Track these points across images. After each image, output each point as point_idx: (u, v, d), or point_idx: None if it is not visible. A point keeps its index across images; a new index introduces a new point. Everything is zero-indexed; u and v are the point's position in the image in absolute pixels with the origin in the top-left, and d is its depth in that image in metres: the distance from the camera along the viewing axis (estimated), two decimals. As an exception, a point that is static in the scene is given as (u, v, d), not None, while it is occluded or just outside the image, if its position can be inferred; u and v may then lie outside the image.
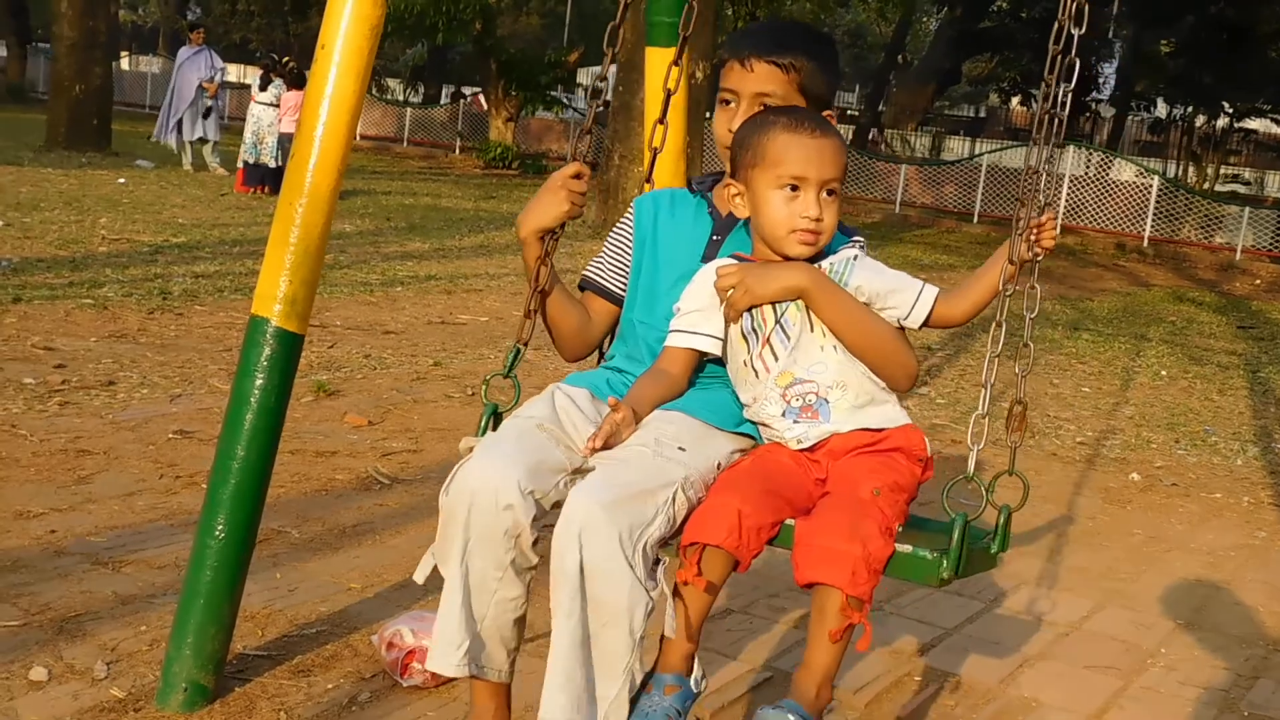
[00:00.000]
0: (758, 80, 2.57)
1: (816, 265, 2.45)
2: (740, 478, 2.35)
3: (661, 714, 2.24)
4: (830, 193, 2.41)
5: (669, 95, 2.89)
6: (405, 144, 33.69)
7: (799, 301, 2.42)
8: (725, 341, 2.50)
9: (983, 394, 2.37)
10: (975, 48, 42.14)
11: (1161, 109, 41.19)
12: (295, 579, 3.93)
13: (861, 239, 2.58)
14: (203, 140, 19.03)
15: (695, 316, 2.50)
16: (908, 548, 2.27)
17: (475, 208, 18.86)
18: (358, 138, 33.15)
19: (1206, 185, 33.21)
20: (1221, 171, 37.10)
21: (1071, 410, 8.01)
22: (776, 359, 2.43)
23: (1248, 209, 24.99)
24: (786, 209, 2.40)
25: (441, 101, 39.31)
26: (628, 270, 2.77)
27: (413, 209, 17.41)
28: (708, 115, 28.36)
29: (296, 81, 16.44)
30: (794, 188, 2.40)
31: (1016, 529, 2.34)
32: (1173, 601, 4.68)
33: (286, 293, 3.02)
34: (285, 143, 16.17)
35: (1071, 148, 27.98)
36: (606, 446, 2.35)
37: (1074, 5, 2.49)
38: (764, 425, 2.50)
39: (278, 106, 17.04)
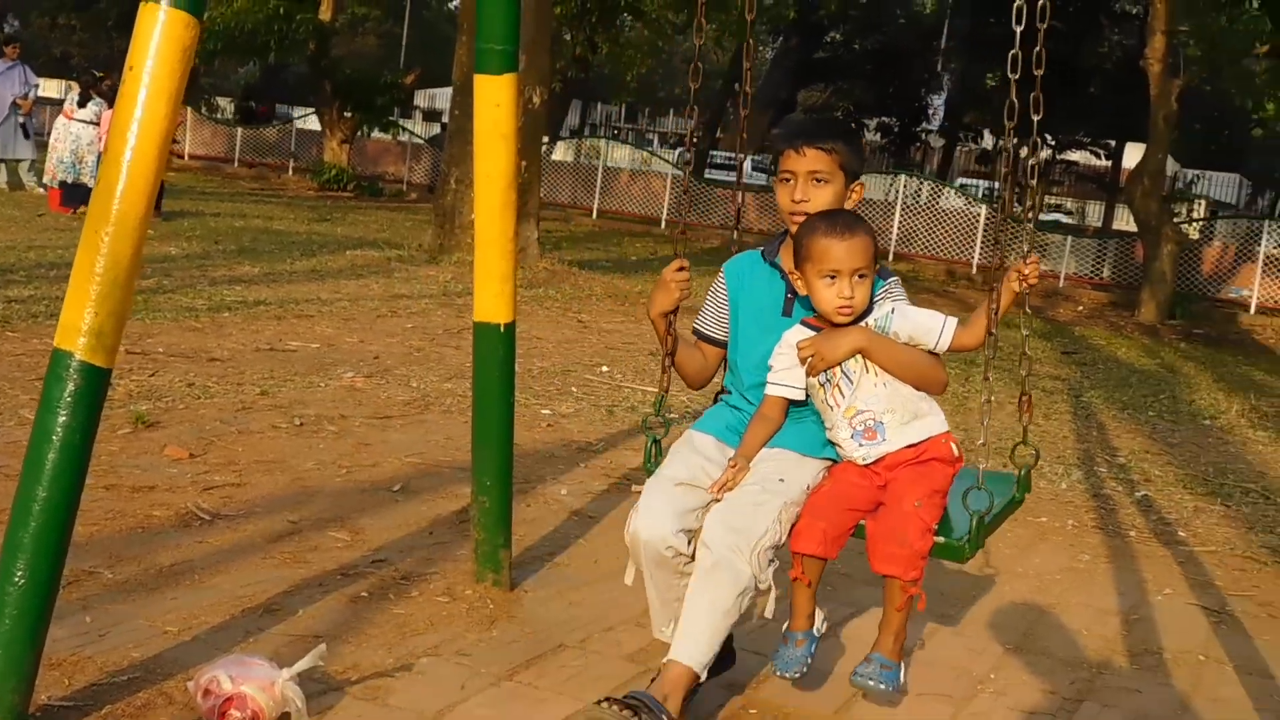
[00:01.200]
0: (809, 161, 3.42)
1: (864, 323, 3.33)
2: (823, 501, 3.34)
3: (797, 660, 3.37)
4: (861, 275, 3.28)
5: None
6: (236, 164, 32.97)
7: (856, 354, 3.32)
8: (807, 388, 3.40)
9: (985, 387, 3.35)
10: (811, 77, 43.01)
11: (988, 140, 42.49)
12: (106, 623, 3.73)
13: (895, 278, 3.48)
14: (18, 159, 18.32)
15: (784, 373, 3.41)
16: (942, 540, 3.27)
17: (308, 230, 18.48)
18: (186, 157, 32.37)
19: (1032, 214, 34.30)
20: (1045, 201, 38.39)
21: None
22: (844, 396, 3.34)
23: (1070, 238, 25.93)
24: (829, 293, 3.29)
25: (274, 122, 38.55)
26: (726, 321, 3.66)
27: (243, 231, 16.97)
28: (546, 140, 28.35)
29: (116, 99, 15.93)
30: (832, 276, 3.28)
31: (848, 558, 3.04)
32: (1002, 626, 4.75)
33: (92, 325, 2.86)
34: None
35: (903, 177, 28.67)
36: (726, 489, 3.34)
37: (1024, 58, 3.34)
38: (839, 446, 3.39)
39: (98, 124, 16.49)
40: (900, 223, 26.62)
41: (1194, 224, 26.65)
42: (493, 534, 4.37)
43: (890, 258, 26.00)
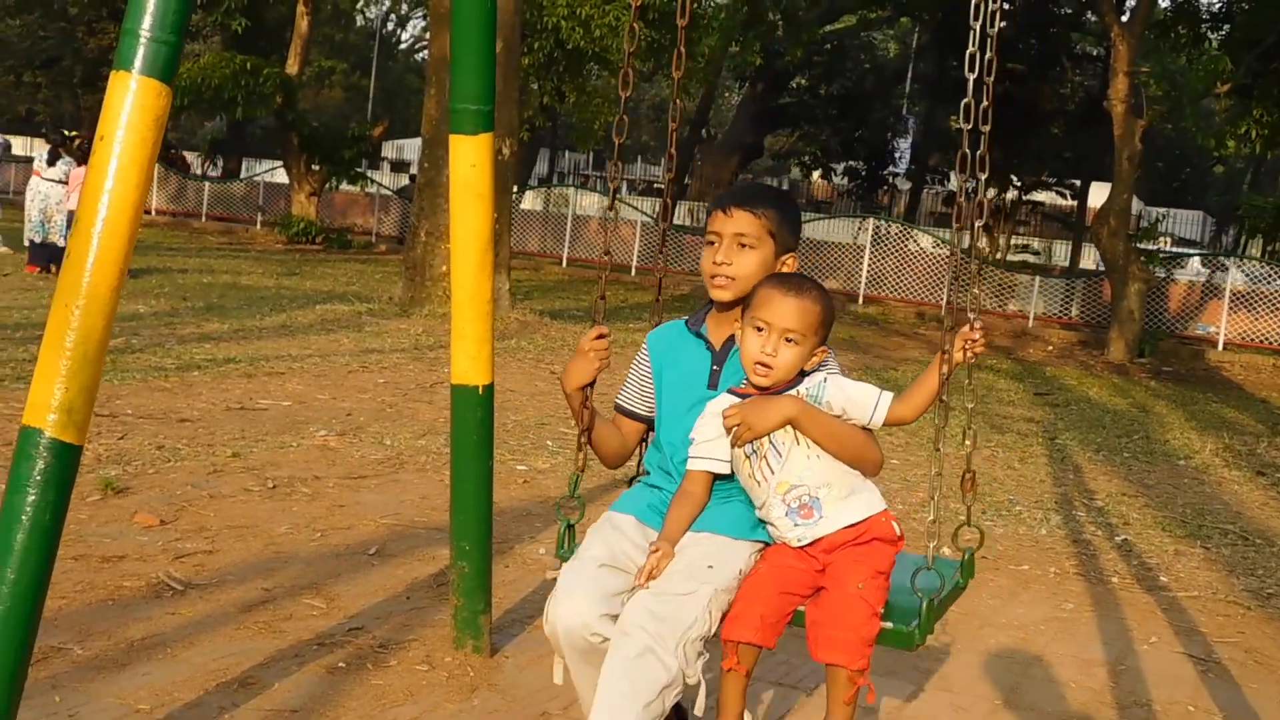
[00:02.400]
0: (736, 223, 3.24)
1: (796, 392, 3.09)
2: (759, 584, 3.06)
3: None
4: (790, 339, 3.05)
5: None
6: (204, 219, 32.86)
7: (787, 425, 3.07)
8: (733, 462, 3.15)
9: (934, 459, 3.06)
10: (776, 122, 43.26)
11: (954, 182, 42.73)
12: (76, 702, 3.64)
13: (832, 351, 3.20)
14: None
15: (707, 445, 3.16)
16: (890, 625, 3.00)
17: (277, 285, 18.38)
18: (153, 212, 32.23)
19: (999, 255, 34.51)
20: (1012, 242, 38.65)
21: (882, 485, 8.06)
22: (773, 471, 3.08)
23: (1038, 278, 26.07)
24: (753, 345, 3.08)
25: (242, 175, 38.52)
26: (650, 395, 3.44)
27: (211, 287, 16.88)
28: (515, 189, 28.38)
29: (85, 158, 15.85)
30: (760, 329, 3.07)
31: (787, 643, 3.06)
32: (989, 681, 4.69)
33: (62, 401, 2.79)
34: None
35: (872, 220, 28.82)
36: (651, 578, 3.03)
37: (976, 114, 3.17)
38: (772, 526, 3.13)
39: (66, 183, 16.40)
40: (869, 265, 26.71)
41: (1160, 262, 26.83)
42: (472, 599, 4.30)
43: (860, 301, 26.09)
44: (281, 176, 32.82)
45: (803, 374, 3.12)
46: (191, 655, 4.11)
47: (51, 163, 16.83)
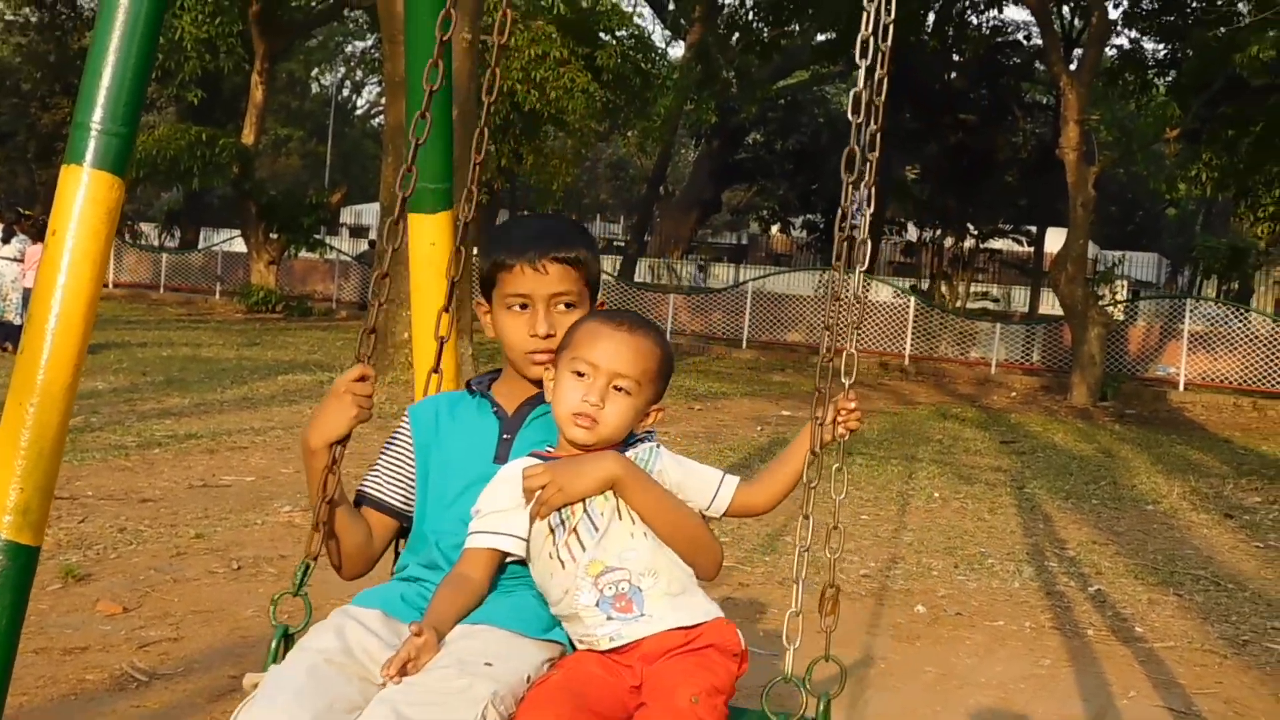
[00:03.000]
0: (554, 281, 2.55)
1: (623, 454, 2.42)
2: (548, 695, 2.21)
3: None
4: (619, 388, 2.40)
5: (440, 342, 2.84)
6: (162, 290, 32.70)
7: (607, 491, 2.38)
8: (528, 540, 2.41)
9: (795, 590, 2.36)
10: (734, 178, 43.59)
11: (912, 232, 43.15)
12: (40, 805, 3.54)
13: (653, 431, 2.53)
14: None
15: (496, 518, 2.40)
16: None
17: (238, 356, 18.26)
18: (110, 285, 32.02)
19: (959, 303, 34.77)
20: (971, 289, 38.96)
21: (853, 541, 8.04)
22: (584, 549, 2.35)
23: (998, 324, 26.26)
24: (572, 392, 2.40)
25: (200, 245, 38.39)
26: (408, 482, 2.63)
27: (171, 360, 16.74)
28: (477, 252, 28.34)
29: (41, 234, 15.75)
30: (582, 374, 2.41)
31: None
32: (970, 744, 4.65)
33: (18, 502, 2.71)
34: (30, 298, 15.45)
35: (831, 272, 29.00)
36: (404, 672, 2.17)
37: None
38: (575, 620, 2.37)
39: (21, 261, 16.27)
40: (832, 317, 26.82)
41: (1118, 305, 27.09)
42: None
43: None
44: (240, 245, 32.75)
45: (629, 439, 2.48)
46: (158, 750, 4.02)
47: (6, 240, 16.71)
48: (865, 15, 2.61)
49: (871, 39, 2.62)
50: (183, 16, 26.63)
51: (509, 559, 2.43)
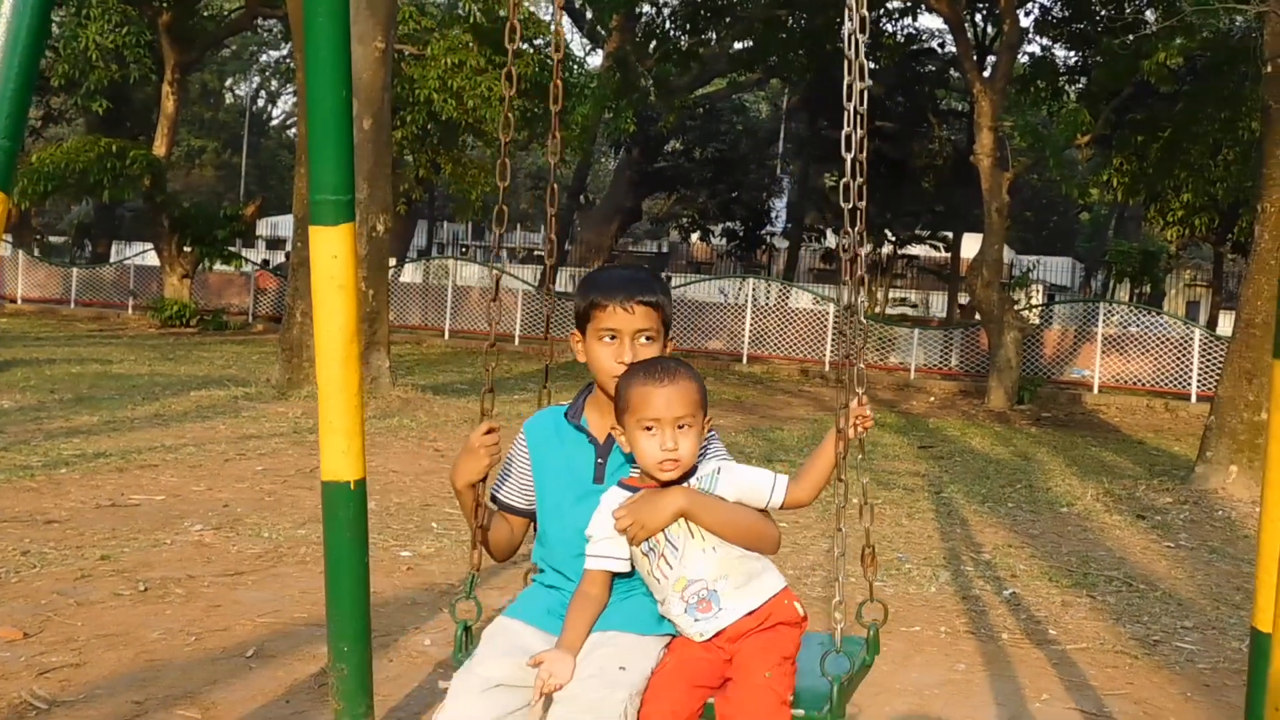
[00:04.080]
0: (638, 320, 3.15)
1: (687, 484, 3.01)
2: (666, 681, 2.95)
3: None
4: (683, 425, 2.98)
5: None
6: (73, 305, 32.09)
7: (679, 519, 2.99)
8: (633, 558, 3.05)
9: (839, 563, 3.10)
10: (653, 187, 43.66)
11: (831, 239, 43.48)
12: (-71, 843, 3.41)
13: (714, 433, 3.15)
14: None
15: (604, 544, 3.05)
16: (800, 712, 2.95)
17: (150, 372, 17.94)
18: (19, 300, 31.40)
19: (878, 309, 35.05)
20: (890, 296, 39.31)
21: (779, 561, 8.03)
22: (671, 568, 2.99)
23: (917, 330, 26.50)
24: (650, 445, 2.98)
25: (112, 259, 37.72)
26: (530, 489, 3.30)
27: (80, 378, 16.40)
28: (394, 264, 28.18)
29: None
30: (650, 428, 2.98)
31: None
32: (886, 751, 4.64)
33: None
34: None
35: (751, 280, 29.10)
36: (545, 690, 2.87)
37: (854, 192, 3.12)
38: (673, 621, 3.02)
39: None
40: (751, 325, 26.93)
41: (1033, 309, 27.46)
42: (353, 703, 4.13)
43: (744, 360, 26.24)
44: (153, 259, 32.23)
45: (694, 470, 3.05)
46: (56, 780, 3.90)
47: None
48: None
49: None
50: (88, 26, 26.18)
51: (619, 573, 3.09)
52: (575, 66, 29.08)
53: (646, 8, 29.12)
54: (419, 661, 5.40)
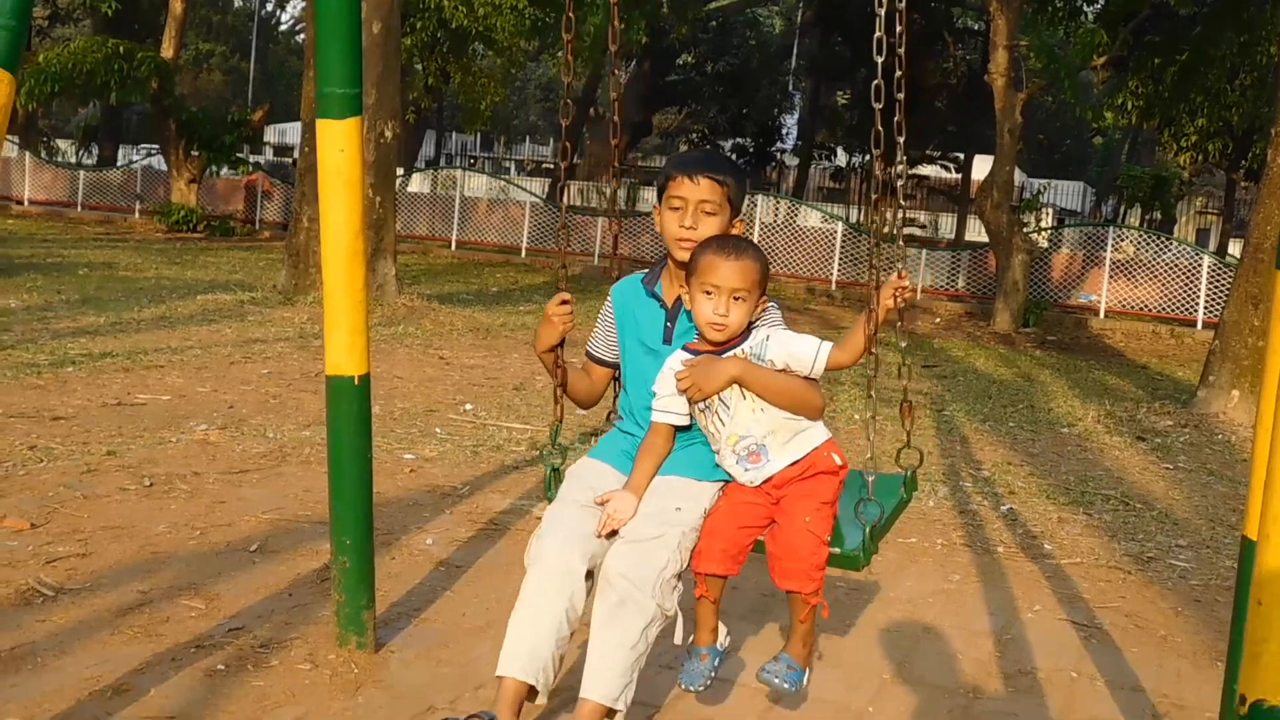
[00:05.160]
0: (702, 190, 3.51)
1: (740, 351, 3.39)
2: (720, 521, 3.44)
3: (700, 675, 3.47)
4: (738, 298, 3.35)
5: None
6: (80, 208, 32.02)
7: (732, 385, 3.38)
8: (692, 414, 3.48)
9: (870, 437, 3.50)
10: (664, 101, 43.30)
11: (841, 157, 43.20)
12: (-61, 719, 3.49)
13: (774, 304, 3.52)
14: None
15: (667, 400, 3.47)
16: (837, 550, 3.36)
17: (157, 275, 17.96)
18: (26, 203, 31.33)
19: (886, 229, 34.92)
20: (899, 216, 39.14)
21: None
22: (724, 424, 3.41)
23: (925, 251, 26.41)
24: (705, 307, 3.38)
25: (119, 163, 37.55)
26: (614, 343, 3.77)
27: (87, 279, 16.43)
28: (402, 173, 28.00)
29: None
30: (709, 292, 3.36)
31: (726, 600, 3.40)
32: (879, 656, 4.72)
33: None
34: None
35: (760, 197, 28.96)
36: (607, 528, 3.40)
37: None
38: (727, 470, 3.46)
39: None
40: (759, 242, 26.85)
41: (1043, 232, 27.33)
42: (354, 595, 4.21)
43: (751, 278, 26.16)
44: (160, 163, 32.09)
45: (750, 327, 3.42)
46: (63, 664, 3.97)
47: None
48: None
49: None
50: (97, -75, 25.86)
51: (681, 426, 3.51)
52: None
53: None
54: (420, 560, 5.46)
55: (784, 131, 46.55)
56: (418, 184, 34.63)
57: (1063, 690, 4.49)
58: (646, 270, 3.75)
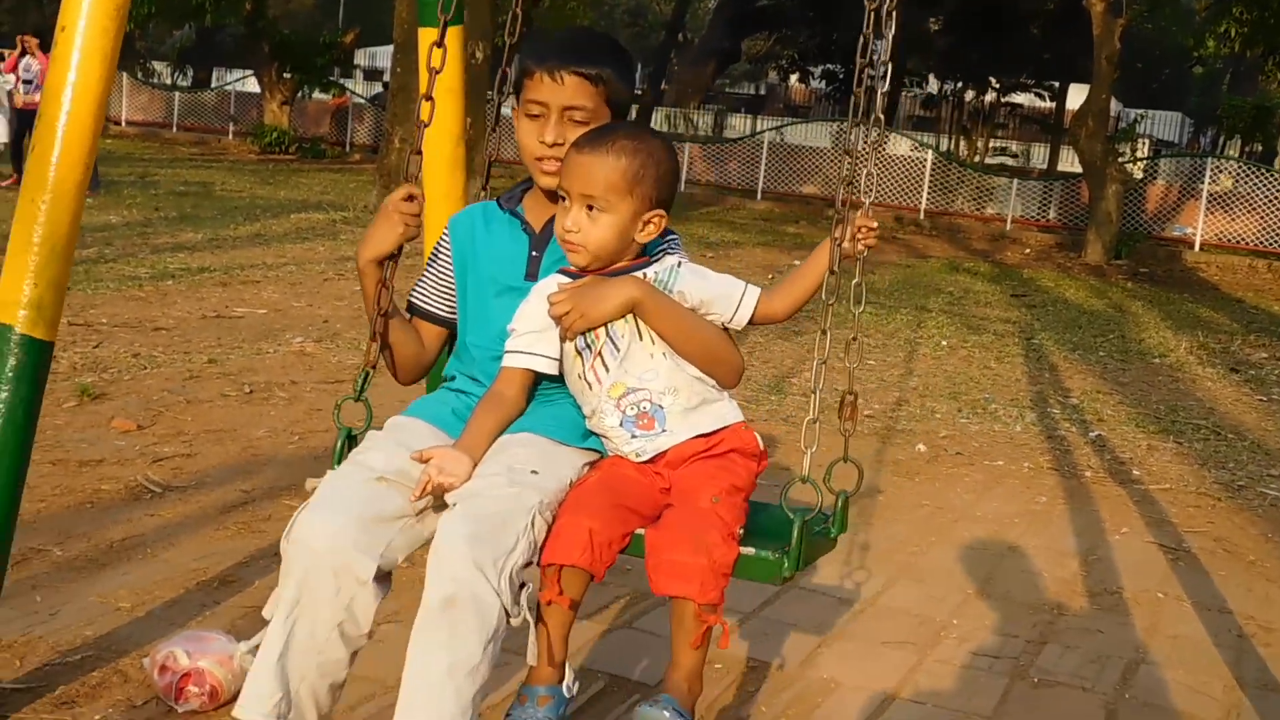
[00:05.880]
0: (568, 93, 2.59)
1: (641, 274, 2.52)
2: (588, 495, 2.42)
3: None
4: (592, 206, 2.46)
5: (433, 74, 2.80)
6: (175, 129, 32.45)
7: (628, 314, 2.50)
8: (560, 359, 2.56)
9: (813, 400, 2.47)
10: (753, 26, 42.76)
11: (933, 85, 42.52)
12: (57, 601, 3.66)
13: (677, 237, 2.64)
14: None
15: (530, 338, 2.55)
16: (751, 550, 2.38)
17: (250, 194, 18.24)
18: (123, 123, 31.82)
19: (977, 158, 34.43)
20: (990, 145, 38.52)
21: (859, 384, 8.10)
22: (608, 370, 2.50)
23: (1016, 181, 26.02)
24: (561, 219, 2.50)
25: (213, 85, 37.97)
26: (450, 291, 2.78)
27: (184, 198, 16.73)
28: (489, 97, 28.05)
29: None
30: (563, 198, 2.50)
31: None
32: (962, 572, 4.76)
33: (32, 297, 2.77)
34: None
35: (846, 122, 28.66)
36: (431, 493, 2.38)
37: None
38: (605, 437, 2.56)
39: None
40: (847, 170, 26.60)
41: (1138, 163, 26.79)
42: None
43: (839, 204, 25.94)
44: (253, 85, 32.41)
45: (652, 254, 2.57)
46: (171, 555, 4.14)
47: None
48: None
49: None
50: None
51: (542, 377, 2.58)
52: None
53: None
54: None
55: (876, 58, 45.81)
56: (507, 108, 34.61)
57: (1148, 609, 4.51)
58: (503, 194, 2.82)
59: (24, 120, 15.75)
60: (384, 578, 2.38)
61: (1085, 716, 3.56)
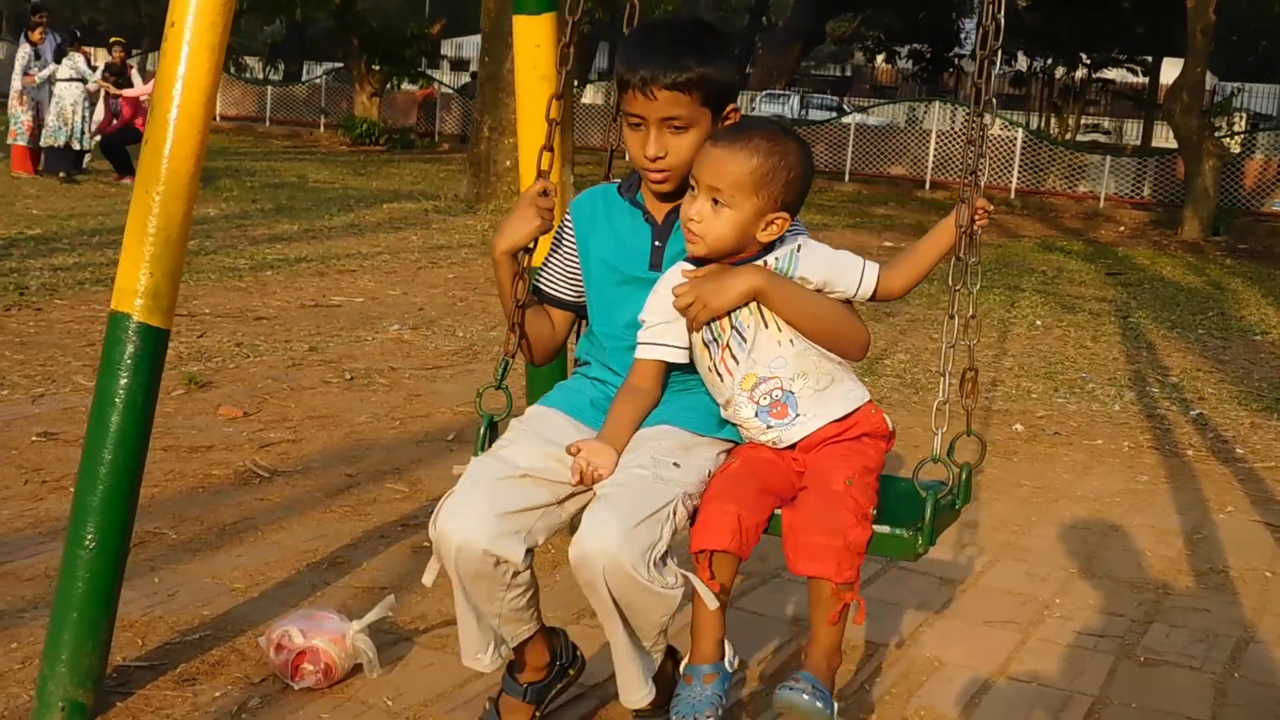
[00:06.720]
0: (662, 107, 2.59)
1: (762, 262, 2.56)
2: (733, 482, 2.53)
3: (706, 703, 2.46)
4: (718, 201, 2.50)
5: (552, 126, 2.88)
6: (268, 123, 32.98)
7: (751, 303, 2.55)
8: (691, 349, 2.63)
9: (942, 382, 2.58)
10: (838, 7, 42.50)
11: (1022, 62, 41.93)
12: (175, 582, 3.76)
13: (801, 227, 2.66)
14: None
15: (660, 329, 2.61)
16: (885, 529, 2.50)
17: (343, 185, 18.50)
18: (218, 118, 32.36)
19: (1068, 136, 33.91)
20: (1082, 122, 37.92)
21: (954, 364, 8.05)
22: (738, 362, 2.57)
23: (1109, 158, 25.62)
24: (687, 208, 2.55)
25: (303, 78, 38.50)
26: (577, 275, 2.83)
27: (279, 189, 17.02)
28: (577, 84, 28.14)
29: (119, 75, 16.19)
30: (692, 188, 2.54)
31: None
32: (1064, 551, 4.72)
33: (148, 286, 2.85)
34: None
35: (937, 103, 28.38)
36: (584, 480, 2.51)
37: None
38: (741, 427, 2.63)
39: (83, 83, 16.32)
40: (935, 150, 26.35)
41: (1235, 138, 26.23)
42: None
43: (927, 185, 25.75)
44: (342, 78, 32.83)
45: (771, 245, 2.59)
46: (281, 538, 4.23)
47: (57, 60, 16.58)
48: None
49: None
50: None
51: (676, 367, 2.66)
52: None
53: None
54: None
55: (962, 36, 45.31)
56: (591, 95, 34.76)
57: (1256, 588, 4.44)
58: (622, 178, 2.82)
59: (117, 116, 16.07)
60: (527, 554, 2.52)
61: (1195, 695, 3.53)
